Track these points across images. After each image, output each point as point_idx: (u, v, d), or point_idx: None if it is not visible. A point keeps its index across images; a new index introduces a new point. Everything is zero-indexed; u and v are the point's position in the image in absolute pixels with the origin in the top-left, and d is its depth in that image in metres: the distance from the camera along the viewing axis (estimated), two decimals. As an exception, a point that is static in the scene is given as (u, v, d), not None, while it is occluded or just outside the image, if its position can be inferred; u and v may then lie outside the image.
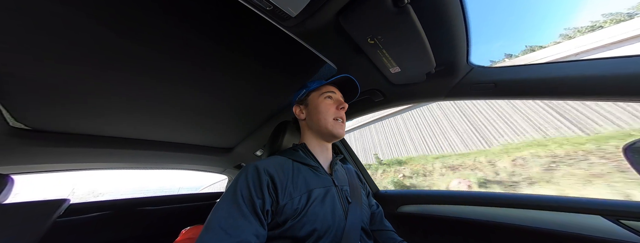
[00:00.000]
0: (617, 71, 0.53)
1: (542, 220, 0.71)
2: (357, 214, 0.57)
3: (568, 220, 0.67)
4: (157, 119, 0.98)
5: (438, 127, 5.57)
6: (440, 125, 5.56)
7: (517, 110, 4.66)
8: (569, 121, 3.98)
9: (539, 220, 0.71)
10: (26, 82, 0.63)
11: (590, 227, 0.63)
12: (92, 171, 1.22)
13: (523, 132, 4.38)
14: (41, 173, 1.07)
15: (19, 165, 0.93)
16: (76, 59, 0.59)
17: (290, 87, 0.91)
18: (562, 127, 4.00)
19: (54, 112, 0.79)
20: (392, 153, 5.98)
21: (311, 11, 0.48)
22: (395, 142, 6.17)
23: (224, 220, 0.43)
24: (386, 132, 6.51)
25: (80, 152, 0.98)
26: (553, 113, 4.23)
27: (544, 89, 0.63)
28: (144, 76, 0.71)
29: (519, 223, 0.73)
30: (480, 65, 0.71)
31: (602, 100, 0.59)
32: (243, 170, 0.53)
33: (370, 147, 6.59)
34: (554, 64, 0.63)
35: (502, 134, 4.59)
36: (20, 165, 0.94)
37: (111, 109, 0.84)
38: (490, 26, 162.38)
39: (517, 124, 4.54)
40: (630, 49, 3.94)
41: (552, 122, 4.16)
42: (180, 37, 0.59)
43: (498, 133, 4.66)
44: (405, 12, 0.48)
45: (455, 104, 5.44)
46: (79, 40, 0.54)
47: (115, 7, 0.49)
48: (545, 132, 4.13)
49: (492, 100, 4.94)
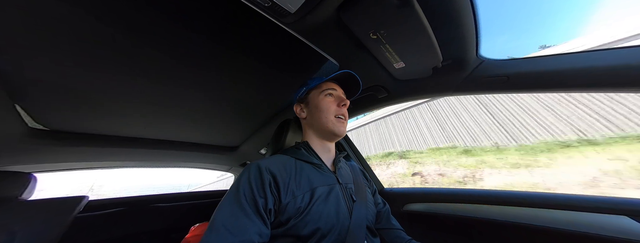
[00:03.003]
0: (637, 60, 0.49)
1: (557, 220, 0.67)
2: (362, 212, 0.57)
3: (587, 220, 0.64)
4: (166, 119, 1.01)
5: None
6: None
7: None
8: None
9: (554, 219, 0.68)
10: (44, 85, 0.66)
11: (613, 228, 0.59)
12: (101, 169, 1.27)
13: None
14: (60, 172, 1.13)
15: (39, 164, 0.99)
16: (90, 62, 0.61)
17: (293, 85, 0.90)
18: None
19: (70, 113, 0.83)
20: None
21: (311, 6, 0.47)
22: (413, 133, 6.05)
23: (227, 220, 0.44)
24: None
25: (94, 151, 1.03)
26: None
27: (560, 81, 0.60)
28: (152, 77, 0.72)
29: (531, 223, 0.70)
30: (491, 58, 0.68)
31: (624, 91, 0.55)
32: (245, 170, 0.54)
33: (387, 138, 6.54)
34: (570, 54, 0.59)
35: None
36: (40, 164, 0.99)
37: (123, 110, 0.87)
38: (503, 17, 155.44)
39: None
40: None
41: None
42: (184, 39, 0.60)
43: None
44: (410, 5, 0.46)
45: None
46: (92, 44, 0.56)
47: (124, 12, 0.50)
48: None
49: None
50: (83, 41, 0.55)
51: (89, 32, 0.53)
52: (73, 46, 0.55)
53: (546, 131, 4.04)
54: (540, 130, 4.10)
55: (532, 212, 0.73)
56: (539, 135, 4.06)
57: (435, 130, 5.59)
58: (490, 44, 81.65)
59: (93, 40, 0.55)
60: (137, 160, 1.24)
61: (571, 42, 4.40)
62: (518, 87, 0.67)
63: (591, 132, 3.57)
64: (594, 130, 3.55)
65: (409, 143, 5.97)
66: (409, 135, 6.09)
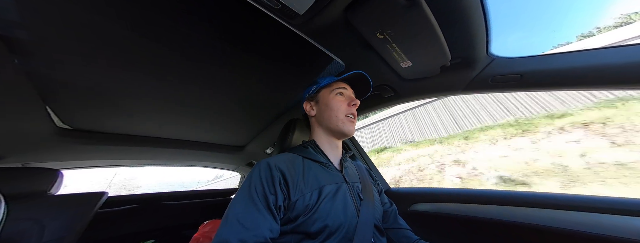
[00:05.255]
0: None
1: (567, 221, 0.64)
2: (369, 211, 0.57)
3: (601, 221, 0.61)
4: (181, 118, 1.05)
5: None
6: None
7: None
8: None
9: (564, 220, 0.65)
10: (72, 87, 0.71)
11: (628, 229, 0.56)
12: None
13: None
14: (82, 169, 1.20)
15: (65, 161, 1.06)
16: (114, 65, 0.65)
17: (298, 85, 0.92)
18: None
19: (94, 114, 0.88)
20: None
21: (319, 8, 0.48)
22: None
23: (241, 215, 0.45)
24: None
25: (115, 149, 1.08)
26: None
27: (576, 79, 0.57)
28: (168, 79, 0.76)
29: (542, 224, 0.68)
30: (502, 56, 0.66)
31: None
32: (256, 167, 0.55)
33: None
34: (586, 51, 0.56)
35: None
36: (66, 161, 1.06)
37: (141, 110, 0.92)
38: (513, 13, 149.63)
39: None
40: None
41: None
42: (197, 40, 0.63)
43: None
44: (417, 4, 0.46)
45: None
46: (116, 48, 0.60)
47: (144, 16, 0.53)
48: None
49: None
50: (108, 45, 0.58)
51: (113, 36, 0.56)
52: (99, 50, 0.59)
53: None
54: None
55: (542, 212, 0.70)
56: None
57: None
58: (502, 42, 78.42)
59: (117, 44, 0.58)
60: (152, 158, 1.30)
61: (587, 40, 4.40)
62: (532, 86, 0.65)
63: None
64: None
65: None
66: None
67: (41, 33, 0.52)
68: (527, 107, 4.73)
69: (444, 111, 5.95)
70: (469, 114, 5.44)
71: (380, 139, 7.02)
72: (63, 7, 0.48)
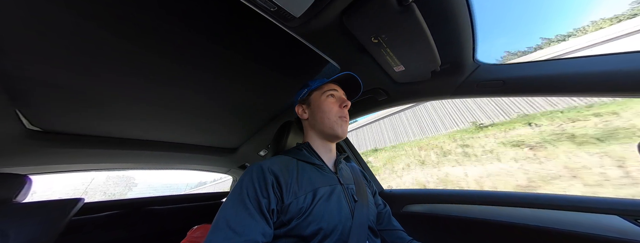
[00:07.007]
0: (629, 66, 0.52)
1: (554, 220, 0.69)
2: (363, 213, 0.57)
3: (582, 220, 0.65)
4: (165, 121, 1.00)
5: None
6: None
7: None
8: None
9: (551, 220, 0.69)
10: (43, 87, 0.66)
11: (606, 227, 0.61)
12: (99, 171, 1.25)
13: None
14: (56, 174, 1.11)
15: (35, 166, 0.97)
16: (89, 65, 0.61)
17: (293, 87, 0.91)
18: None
19: (67, 115, 0.82)
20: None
21: (315, 11, 0.48)
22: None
23: (232, 219, 0.44)
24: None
25: (92, 153, 1.01)
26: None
27: (554, 86, 0.62)
28: (152, 80, 0.72)
29: (530, 223, 0.71)
30: (486, 62, 0.70)
31: (614, 96, 0.57)
32: (248, 170, 0.54)
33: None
34: (564, 60, 0.61)
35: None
36: (36, 166, 0.98)
37: (121, 111, 0.87)
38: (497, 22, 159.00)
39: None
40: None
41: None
42: (187, 41, 0.61)
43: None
44: (410, 11, 0.48)
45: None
46: (89, 46, 0.56)
47: (124, 14, 0.51)
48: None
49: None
50: (82, 43, 0.55)
51: (87, 35, 0.53)
52: (72, 49, 0.56)
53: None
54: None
55: (532, 212, 0.74)
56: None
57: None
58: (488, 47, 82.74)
59: (92, 42, 0.55)
60: (135, 162, 1.23)
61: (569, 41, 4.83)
62: (513, 91, 0.69)
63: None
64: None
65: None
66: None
67: (8, 29, 0.48)
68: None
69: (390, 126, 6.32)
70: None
71: (382, 139, 7.24)
72: (32, 2, 0.44)
